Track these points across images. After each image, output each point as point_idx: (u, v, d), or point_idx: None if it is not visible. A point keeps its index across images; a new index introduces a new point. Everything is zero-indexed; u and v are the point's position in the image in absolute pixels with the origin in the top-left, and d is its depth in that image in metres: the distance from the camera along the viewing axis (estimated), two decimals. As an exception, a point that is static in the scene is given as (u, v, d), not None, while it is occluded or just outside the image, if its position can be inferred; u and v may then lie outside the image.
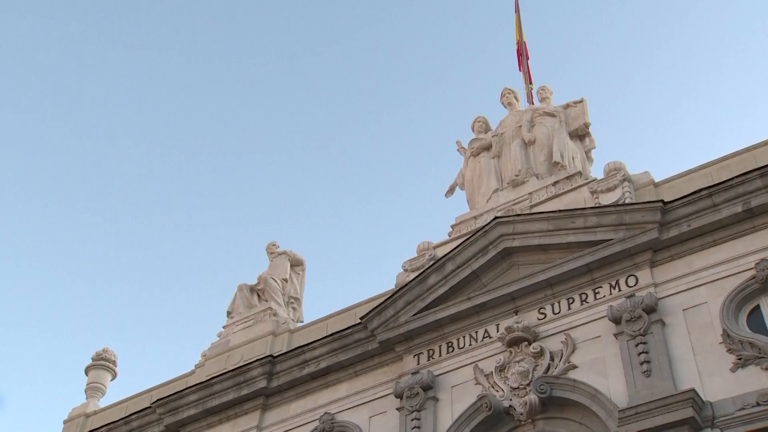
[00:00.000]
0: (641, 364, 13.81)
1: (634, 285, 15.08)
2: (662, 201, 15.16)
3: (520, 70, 23.41)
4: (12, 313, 50.73)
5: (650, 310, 14.36)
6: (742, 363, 13.07)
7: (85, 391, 23.25)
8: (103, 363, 23.63)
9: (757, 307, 13.84)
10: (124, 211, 51.89)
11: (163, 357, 50.01)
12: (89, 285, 51.41)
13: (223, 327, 21.53)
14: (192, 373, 20.88)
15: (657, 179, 16.65)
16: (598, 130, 19.96)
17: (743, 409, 12.50)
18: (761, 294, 13.85)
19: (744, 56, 47.61)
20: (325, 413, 17.44)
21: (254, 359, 19.13)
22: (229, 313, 21.86)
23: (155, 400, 20.02)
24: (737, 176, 14.72)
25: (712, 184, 15.08)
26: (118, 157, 51.43)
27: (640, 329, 14.19)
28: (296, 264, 22.66)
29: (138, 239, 52.04)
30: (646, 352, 13.89)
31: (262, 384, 18.57)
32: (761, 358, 12.89)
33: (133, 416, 20.41)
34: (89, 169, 51.49)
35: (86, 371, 23.69)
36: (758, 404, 12.39)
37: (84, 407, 22.58)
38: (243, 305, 21.64)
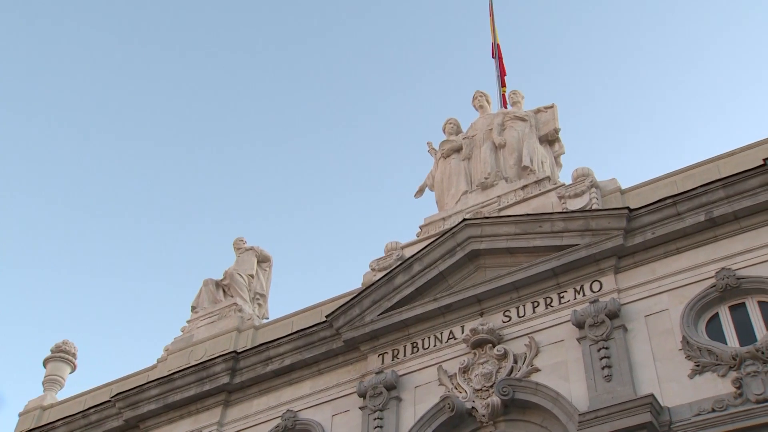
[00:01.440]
0: (602, 368, 13.98)
1: (599, 290, 15.25)
2: (628, 208, 15.36)
3: (501, 73, 23.53)
4: (-30, 302, 49.72)
5: (613, 315, 14.55)
6: (699, 370, 13.30)
7: (43, 384, 22.86)
8: (62, 355, 23.27)
9: (716, 315, 14.09)
10: (89, 203, 51.20)
11: (125, 351, 49.48)
12: (50, 275, 50.62)
13: (187, 322, 21.34)
14: (154, 367, 20.65)
15: (624, 186, 16.87)
16: (567, 136, 20.18)
17: (699, 414, 12.73)
18: (720, 302, 14.10)
19: (711, 69, 48.49)
20: (288, 411, 17.37)
21: (218, 355, 18.98)
22: (193, 308, 21.67)
23: (115, 393, 19.76)
24: (701, 186, 14.97)
25: (676, 193, 15.31)
26: (81, 148, 50.73)
27: (602, 334, 14.36)
28: (263, 260, 22.54)
29: (103, 231, 51.37)
30: (608, 357, 14.07)
31: (225, 380, 18.44)
32: (718, 365, 13.13)
33: (92, 410, 20.11)
34: (51, 159, 50.74)
35: (44, 363, 23.31)
36: (713, 410, 12.63)
37: (41, 400, 22.19)
38: (208, 300, 21.48)
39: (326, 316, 17.77)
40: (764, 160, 14.48)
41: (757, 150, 15.46)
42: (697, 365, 13.34)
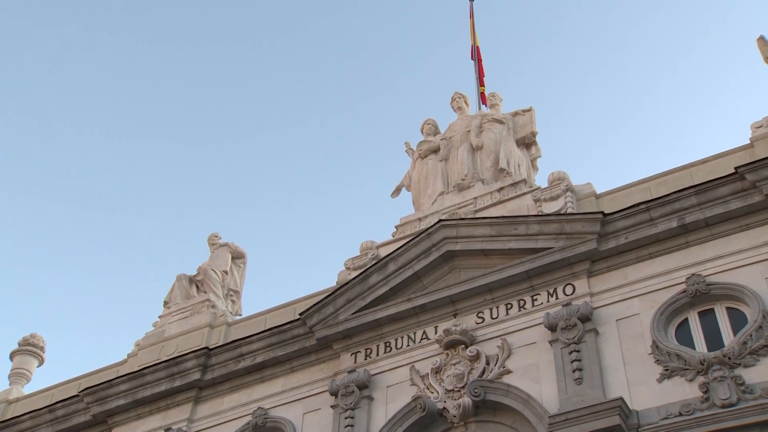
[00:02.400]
0: (573, 371, 14.09)
1: (571, 294, 15.37)
2: (602, 213, 15.50)
3: (479, 75, 23.61)
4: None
5: (585, 319, 14.67)
6: (668, 374, 13.46)
7: (9, 377, 22.55)
8: (29, 349, 22.98)
9: (686, 320, 14.27)
10: (61, 197, 50.49)
11: (95, 346, 48.87)
12: (20, 268, 49.87)
13: (159, 317, 21.16)
14: (124, 362, 20.45)
15: (599, 191, 17.02)
16: (544, 139, 20.29)
17: (666, 418, 12.89)
18: (690, 308, 14.28)
19: (687, 78, 49.11)
20: (259, 408, 17.30)
21: (189, 351, 18.85)
22: (166, 303, 21.51)
23: (83, 388, 19.54)
24: (674, 192, 15.15)
25: (650, 198, 15.48)
26: (51, 142, 50.02)
27: (574, 337, 14.48)
28: (238, 256, 22.43)
29: (75, 225, 50.74)
30: (579, 360, 14.19)
31: (196, 376, 18.31)
32: (686, 369, 13.30)
33: (59, 404, 19.84)
34: (19, 152, 49.95)
35: (11, 356, 23.00)
36: (681, 414, 12.79)
37: (6, 393, 21.89)
38: (181, 296, 21.33)
39: (300, 314, 17.72)
40: (736, 168, 14.69)
41: (729, 158, 15.67)
42: (666, 369, 13.50)
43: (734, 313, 13.90)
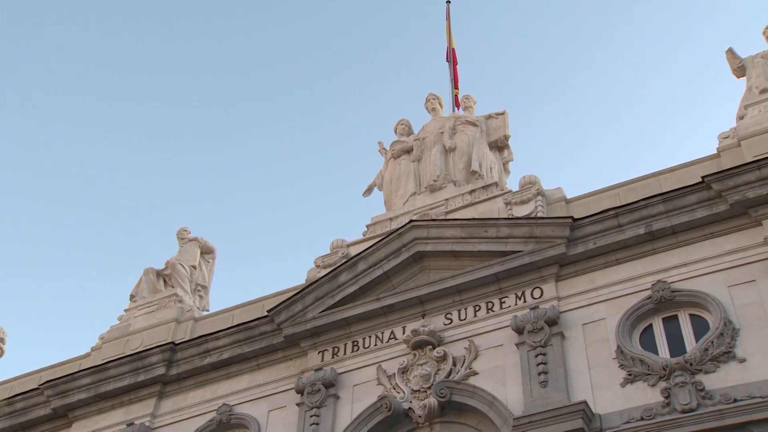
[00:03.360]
0: (539, 374, 14.20)
1: (539, 297, 15.49)
2: (572, 217, 15.64)
3: (454, 77, 23.69)
4: None
5: (552, 322, 14.79)
6: (631, 379, 13.62)
7: (-32, 368, 22.12)
8: (-10, 340, 22.55)
9: (650, 326, 14.45)
10: (27, 190, 49.60)
11: (58, 339, 48.12)
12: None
13: (125, 310, 20.92)
14: (87, 355, 20.19)
15: (569, 196, 17.17)
16: (516, 143, 20.41)
17: (629, 422, 13.05)
18: (654, 314, 14.47)
19: (658, 87, 49.80)
20: (224, 404, 17.18)
21: (155, 345, 18.68)
22: (132, 297, 21.27)
23: (44, 381, 19.24)
24: (642, 199, 15.33)
25: (619, 205, 15.65)
26: (17, 134, 49.13)
27: (540, 341, 14.60)
28: (206, 251, 22.27)
29: (43, 218, 49.90)
30: (545, 363, 14.30)
31: (161, 371, 18.15)
32: (649, 374, 13.48)
33: (18, 397, 19.50)
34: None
35: (-29, 348, 22.55)
36: (642, 419, 12.96)
37: (-36, 385, 21.44)
38: (148, 289, 21.11)
39: (268, 311, 17.64)
40: (703, 177, 14.92)
41: (696, 167, 15.92)
42: (630, 374, 13.67)
43: (697, 320, 14.12)
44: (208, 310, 21.21)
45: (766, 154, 14.80)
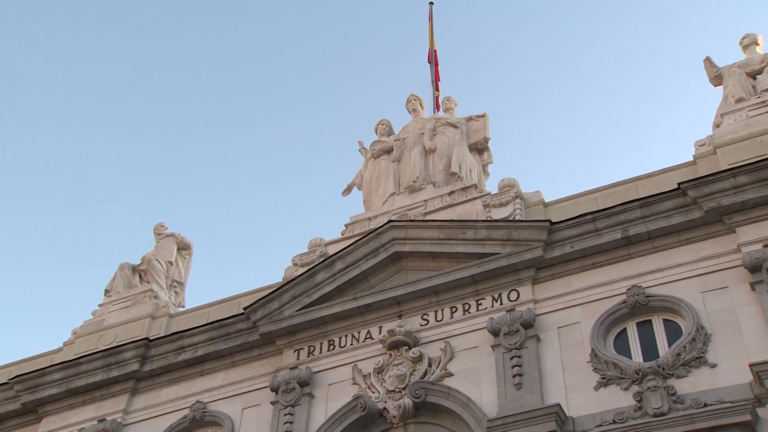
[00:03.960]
0: (514, 376, 14.28)
1: (516, 300, 15.57)
2: (549, 221, 15.74)
3: (435, 79, 23.73)
4: None
5: (528, 325, 14.87)
6: (605, 382, 13.74)
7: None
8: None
9: (624, 330, 14.59)
10: (0, 182, 48.84)
11: (30, 333, 47.47)
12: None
13: (99, 305, 20.71)
14: (59, 350, 19.97)
15: (547, 200, 17.27)
16: (496, 145, 20.50)
17: (601, 426, 13.17)
18: (629, 318, 14.60)
19: (639, 93, 50.29)
20: (198, 401, 17.08)
21: (129, 341, 18.53)
22: (107, 292, 21.08)
23: (14, 376, 18.98)
24: (619, 204, 15.47)
25: (596, 209, 15.78)
26: None
27: (516, 343, 14.67)
28: (183, 248, 22.11)
29: (17, 210, 49.20)
30: (520, 366, 14.38)
31: (134, 367, 18.00)
32: (622, 378, 13.60)
33: (-12, 392, 19.22)
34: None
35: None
36: (614, 422, 13.09)
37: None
38: (123, 285, 20.92)
39: (244, 309, 17.55)
40: (679, 184, 15.08)
41: (673, 174, 16.08)
42: (603, 378, 13.78)
43: (670, 325, 14.27)
44: (183, 307, 21.06)
45: (741, 162, 14.99)
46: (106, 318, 20.00)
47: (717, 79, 18.06)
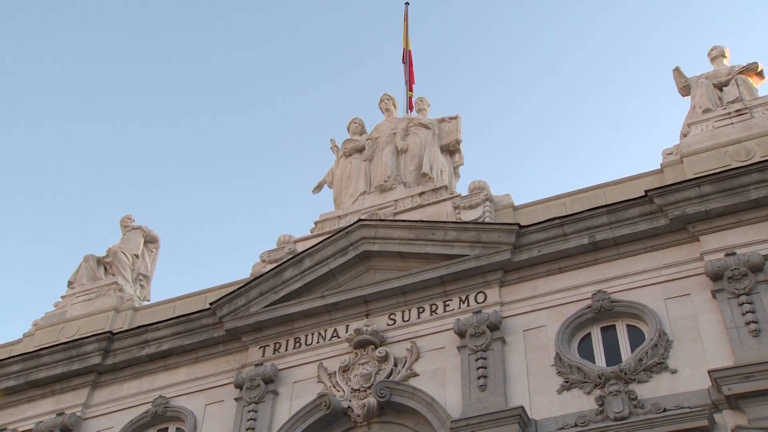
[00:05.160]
0: (478, 378, 14.37)
1: (483, 302, 15.66)
2: (518, 224, 15.86)
3: (409, 79, 23.75)
4: None
5: (494, 327, 14.97)
6: (568, 386, 13.89)
7: None
8: None
9: (589, 334, 14.75)
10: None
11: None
12: None
13: (62, 297, 20.39)
14: (19, 341, 19.62)
15: (516, 203, 17.40)
16: (467, 147, 20.57)
17: (563, 429, 13.32)
18: (594, 323, 14.77)
19: (609, 100, 50.90)
20: (160, 396, 16.92)
21: (91, 334, 18.29)
22: (70, 284, 20.77)
23: (-29, 367, 18.59)
24: (587, 210, 15.64)
25: (564, 214, 15.93)
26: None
27: (482, 345, 14.76)
28: (150, 241, 21.87)
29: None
30: (485, 368, 14.47)
31: (96, 360, 17.78)
32: (585, 382, 13.76)
33: (-56, 382, 18.77)
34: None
35: None
36: (576, 425, 13.24)
37: None
38: (87, 276, 20.63)
39: (210, 304, 17.43)
40: (646, 191, 15.30)
41: (640, 181, 16.31)
42: (566, 381, 13.93)
43: (633, 330, 14.47)
44: (149, 300, 20.84)
45: (707, 172, 15.25)
46: (69, 310, 19.71)
47: (686, 89, 18.34)
